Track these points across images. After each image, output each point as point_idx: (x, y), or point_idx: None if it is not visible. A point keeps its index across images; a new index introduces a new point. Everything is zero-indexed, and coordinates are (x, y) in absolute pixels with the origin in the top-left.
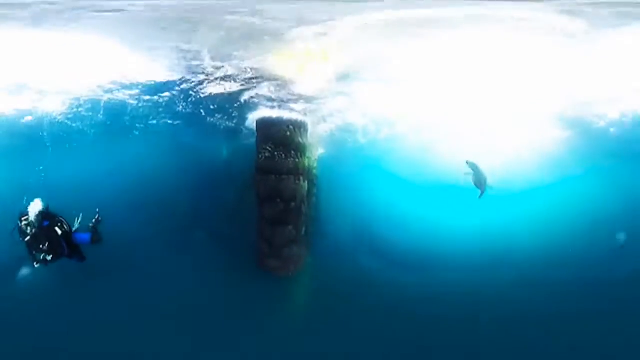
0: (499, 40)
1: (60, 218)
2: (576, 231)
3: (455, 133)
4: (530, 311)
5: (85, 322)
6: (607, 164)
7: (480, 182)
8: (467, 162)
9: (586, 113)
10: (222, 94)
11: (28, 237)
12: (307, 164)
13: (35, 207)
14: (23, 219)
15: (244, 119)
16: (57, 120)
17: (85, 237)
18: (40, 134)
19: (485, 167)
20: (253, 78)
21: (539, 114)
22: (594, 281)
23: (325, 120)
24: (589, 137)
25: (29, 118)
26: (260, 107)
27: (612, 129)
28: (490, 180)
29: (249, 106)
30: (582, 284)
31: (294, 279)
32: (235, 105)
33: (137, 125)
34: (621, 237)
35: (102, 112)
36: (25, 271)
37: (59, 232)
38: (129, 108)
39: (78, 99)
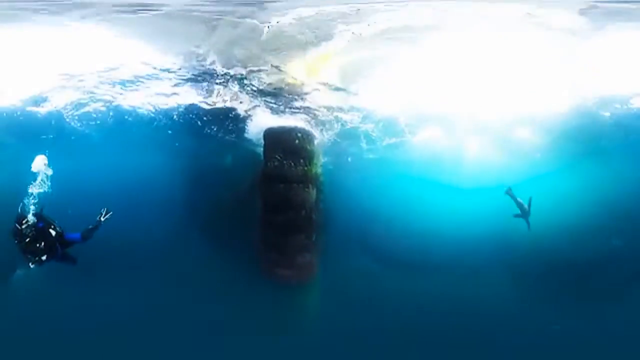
0: (502, 39)
1: (52, 221)
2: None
3: (463, 135)
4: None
5: (83, 330)
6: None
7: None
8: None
9: (595, 107)
10: (226, 99)
11: (28, 239)
12: (315, 172)
13: (39, 163)
14: (23, 222)
15: (249, 126)
16: (57, 120)
17: (76, 236)
18: (42, 133)
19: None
20: (258, 83)
21: (546, 111)
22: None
23: (329, 126)
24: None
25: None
26: (265, 113)
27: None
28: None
29: (254, 112)
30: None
31: (307, 286)
32: (239, 111)
33: (139, 128)
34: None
35: (105, 114)
36: (20, 272)
37: (53, 233)
38: (131, 110)
39: (81, 99)
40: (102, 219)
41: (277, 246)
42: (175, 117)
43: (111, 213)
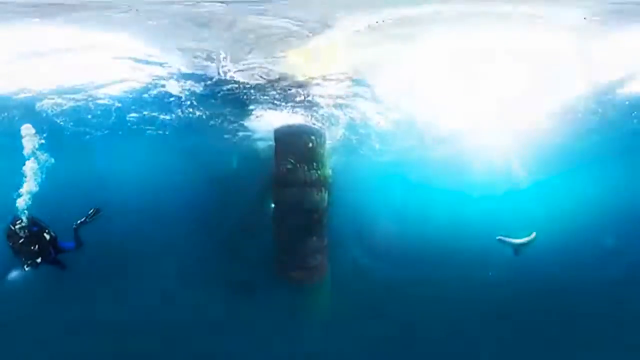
0: (511, 38)
1: (46, 226)
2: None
3: (474, 137)
4: None
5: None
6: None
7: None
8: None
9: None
10: (232, 97)
11: (22, 240)
12: (326, 174)
13: (27, 131)
14: (17, 222)
15: (256, 124)
16: (60, 119)
17: (70, 244)
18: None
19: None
20: (264, 81)
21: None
22: None
23: (338, 125)
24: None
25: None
26: (272, 111)
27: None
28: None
29: (261, 110)
30: None
31: (317, 286)
32: (246, 109)
33: (143, 127)
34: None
35: (108, 113)
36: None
37: (47, 237)
38: (135, 110)
39: (83, 99)
40: (89, 220)
41: (290, 249)
42: (179, 114)
43: (100, 213)
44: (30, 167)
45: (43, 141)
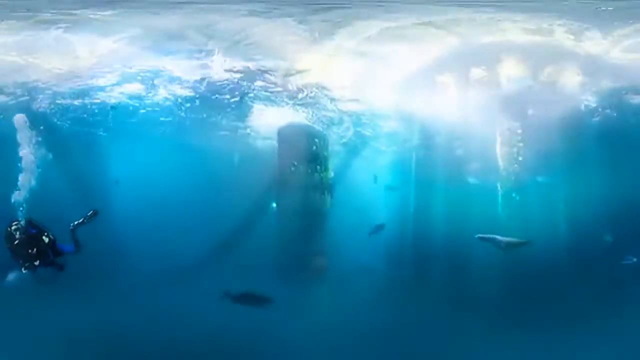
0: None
1: (45, 229)
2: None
3: (475, 138)
4: None
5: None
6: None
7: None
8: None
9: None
10: (236, 96)
11: (17, 241)
12: (329, 176)
13: (19, 120)
14: (13, 224)
15: (258, 124)
16: (62, 119)
17: (69, 247)
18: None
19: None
20: (268, 81)
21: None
22: None
23: (341, 125)
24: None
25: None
26: (274, 111)
27: None
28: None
29: (262, 110)
30: None
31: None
32: (249, 108)
33: (145, 126)
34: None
35: (108, 113)
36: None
37: (46, 240)
38: (137, 109)
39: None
40: (87, 221)
41: (292, 251)
42: (181, 112)
43: (96, 215)
44: (24, 160)
45: (39, 138)
